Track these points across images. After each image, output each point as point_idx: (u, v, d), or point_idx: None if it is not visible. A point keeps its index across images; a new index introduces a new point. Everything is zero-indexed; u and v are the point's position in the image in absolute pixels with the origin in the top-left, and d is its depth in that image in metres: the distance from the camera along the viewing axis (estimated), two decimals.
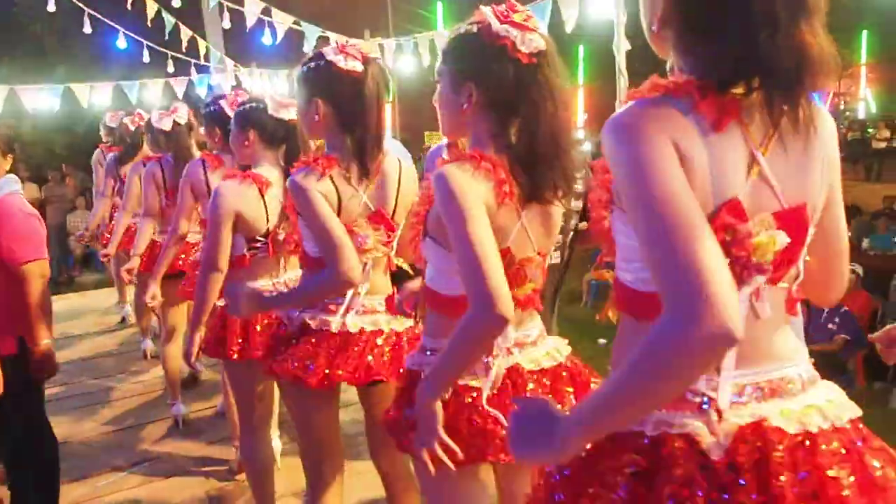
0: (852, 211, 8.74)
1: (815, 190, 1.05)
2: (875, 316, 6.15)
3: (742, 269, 0.98)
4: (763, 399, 1.02)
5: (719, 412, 0.99)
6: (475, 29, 1.48)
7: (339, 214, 1.90)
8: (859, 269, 6.01)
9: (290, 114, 2.40)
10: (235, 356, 2.49)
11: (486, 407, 1.48)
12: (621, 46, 3.67)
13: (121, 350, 5.29)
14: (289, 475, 3.06)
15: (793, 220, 1.01)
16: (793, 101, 0.97)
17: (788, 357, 1.07)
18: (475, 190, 1.42)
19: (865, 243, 8.22)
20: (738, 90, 0.97)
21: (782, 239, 0.99)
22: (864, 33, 19.14)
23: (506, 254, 1.48)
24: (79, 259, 11.11)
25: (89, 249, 10.05)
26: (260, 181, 2.40)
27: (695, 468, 0.96)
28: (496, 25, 1.44)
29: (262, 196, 2.40)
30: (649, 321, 1.01)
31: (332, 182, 1.89)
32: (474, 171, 1.44)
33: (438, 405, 1.44)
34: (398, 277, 2.09)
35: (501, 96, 1.47)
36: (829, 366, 5.25)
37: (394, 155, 2.04)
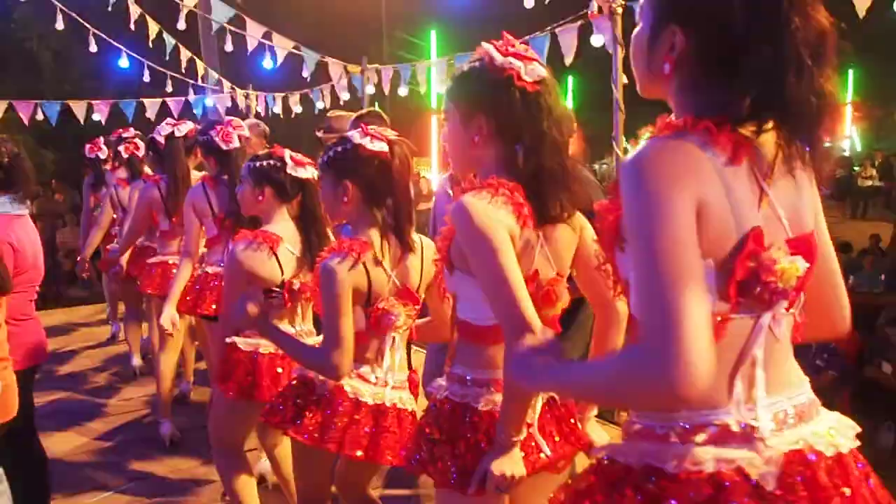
0: (843, 247, 8.83)
1: (811, 218, 1.10)
2: (861, 354, 6.21)
3: (771, 295, 1.02)
4: (797, 423, 1.05)
5: (762, 440, 1.01)
6: (478, 64, 1.54)
7: (369, 298, 1.94)
8: None
9: (308, 172, 2.41)
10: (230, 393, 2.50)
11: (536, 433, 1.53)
12: (619, 81, 3.74)
13: (109, 367, 5.23)
14: (279, 498, 3.04)
15: (803, 246, 1.06)
16: (812, 142, 1.03)
17: (802, 381, 1.11)
18: (497, 218, 1.44)
19: (852, 281, 8.31)
20: (749, 128, 1.01)
21: (802, 264, 1.03)
22: (850, 72, 19.55)
23: (535, 276, 1.51)
24: (66, 275, 11.01)
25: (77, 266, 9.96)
26: (270, 239, 2.41)
27: (754, 501, 0.96)
28: (499, 59, 1.50)
29: (275, 252, 2.40)
30: None
31: (365, 268, 1.91)
32: (493, 198, 1.46)
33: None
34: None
35: (510, 124, 1.51)
36: None
37: (415, 233, 2.07)
